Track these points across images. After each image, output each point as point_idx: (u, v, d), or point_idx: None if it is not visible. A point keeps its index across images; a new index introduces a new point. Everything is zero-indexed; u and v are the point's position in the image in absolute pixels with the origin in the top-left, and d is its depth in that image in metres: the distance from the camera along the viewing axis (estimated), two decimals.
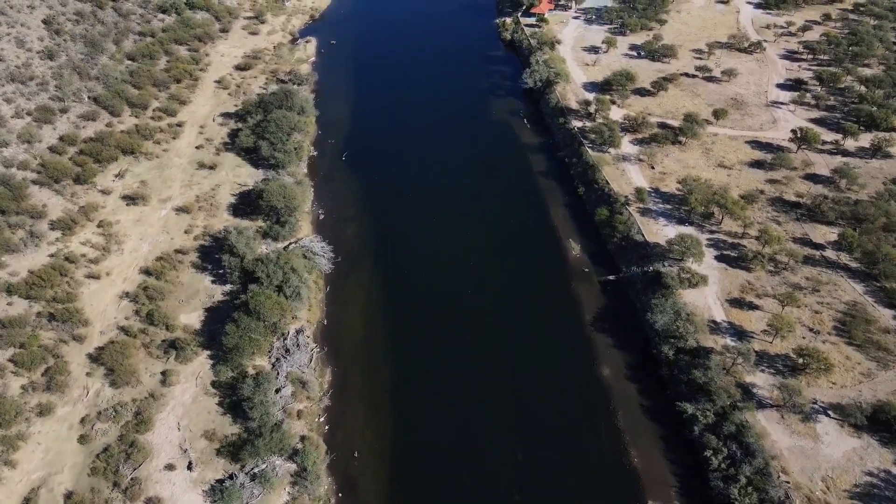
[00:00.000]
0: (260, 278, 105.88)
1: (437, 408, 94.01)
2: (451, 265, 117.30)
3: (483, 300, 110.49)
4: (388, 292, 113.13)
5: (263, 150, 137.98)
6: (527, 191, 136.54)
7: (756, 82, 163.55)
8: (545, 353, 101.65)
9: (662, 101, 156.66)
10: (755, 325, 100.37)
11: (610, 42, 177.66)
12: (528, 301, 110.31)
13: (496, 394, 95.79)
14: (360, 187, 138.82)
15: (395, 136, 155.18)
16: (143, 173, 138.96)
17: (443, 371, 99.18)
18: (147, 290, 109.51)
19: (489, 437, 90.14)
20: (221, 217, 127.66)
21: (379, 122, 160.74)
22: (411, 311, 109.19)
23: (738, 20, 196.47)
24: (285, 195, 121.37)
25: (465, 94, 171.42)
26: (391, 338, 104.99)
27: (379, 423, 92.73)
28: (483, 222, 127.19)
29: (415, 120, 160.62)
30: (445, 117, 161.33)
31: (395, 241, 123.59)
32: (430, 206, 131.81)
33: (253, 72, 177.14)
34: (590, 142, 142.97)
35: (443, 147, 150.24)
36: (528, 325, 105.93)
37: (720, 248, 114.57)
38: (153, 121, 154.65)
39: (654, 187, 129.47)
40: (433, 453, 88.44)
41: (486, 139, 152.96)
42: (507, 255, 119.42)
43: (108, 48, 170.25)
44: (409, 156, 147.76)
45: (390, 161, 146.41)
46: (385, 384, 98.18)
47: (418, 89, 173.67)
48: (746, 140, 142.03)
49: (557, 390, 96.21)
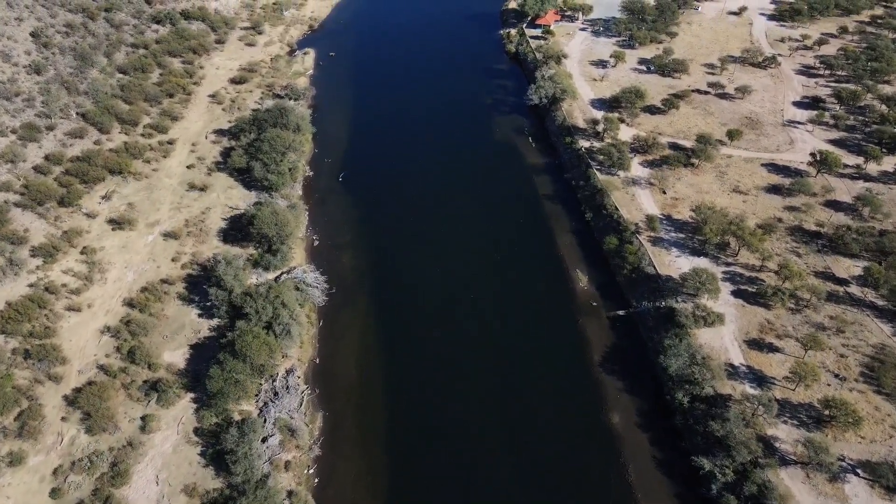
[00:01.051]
0: (248, 314, 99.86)
1: (436, 457, 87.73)
2: (452, 298, 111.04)
3: (486, 337, 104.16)
4: (384, 328, 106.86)
5: (256, 172, 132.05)
6: (532, 216, 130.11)
7: (771, 100, 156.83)
8: (552, 397, 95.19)
9: (673, 120, 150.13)
10: (776, 369, 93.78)
11: (618, 56, 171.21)
12: (533, 339, 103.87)
13: (499, 442, 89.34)
14: (357, 210, 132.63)
15: (395, 154, 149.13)
16: (131, 195, 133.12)
17: (442, 415, 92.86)
18: (130, 324, 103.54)
19: (492, 490, 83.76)
20: (211, 243, 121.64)
21: (378, 139, 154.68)
22: (409, 348, 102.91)
23: (752, 32, 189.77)
24: (277, 222, 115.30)
25: (468, 109, 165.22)
26: (387, 378, 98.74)
27: (373, 477, 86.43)
28: (486, 251, 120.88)
29: (415, 138, 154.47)
30: (447, 135, 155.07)
31: (393, 270, 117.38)
32: (430, 232, 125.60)
33: (248, 85, 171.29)
34: (598, 163, 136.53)
35: (444, 167, 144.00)
36: (533, 366, 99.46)
37: (737, 283, 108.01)
38: (143, 138, 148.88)
39: (666, 214, 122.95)
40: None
41: (490, 159, 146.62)
42: (512, 288, 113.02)
43: (98, 61, 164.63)
44: (408, 176, 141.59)
45: (389, 182, 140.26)
46: (380, 431, 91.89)
47: (419, 105, 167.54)
48: (762, 163, 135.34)
49: (564, 438, 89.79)
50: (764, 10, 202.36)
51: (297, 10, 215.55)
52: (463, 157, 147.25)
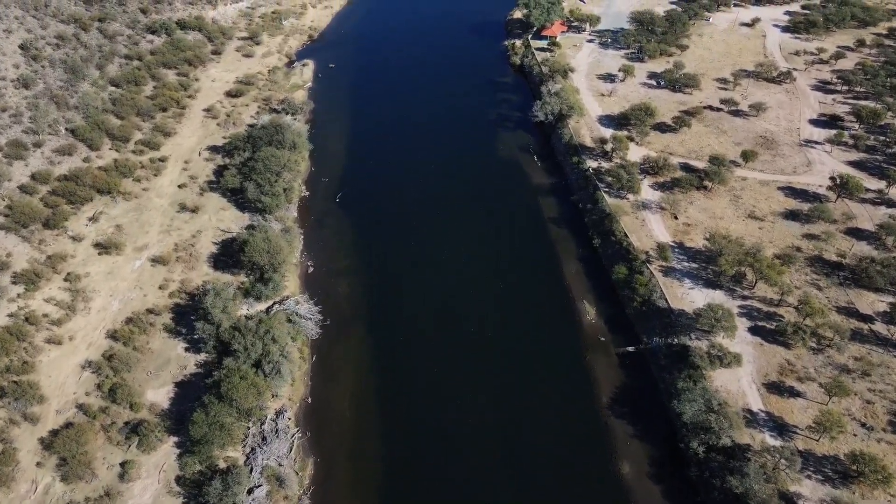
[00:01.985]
0: (236, 351, 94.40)
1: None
2: (452, 332, 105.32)
3: (488, 375, 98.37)
4: (380, 364, 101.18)
5: (249, 193, 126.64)
6: (537, 241, 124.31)
7: (787, 117, 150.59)
8: (558, 441, 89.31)
9: (685, 139, 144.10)
10: (798, 416, 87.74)
11: (627, 70, 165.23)
12: (539, 377, 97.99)
13: (502, 491, 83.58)
14: (355, 234, 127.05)
15: (395, 173, 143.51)
16: (120, 216, 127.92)
17: (442, 463, 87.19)
18: (112, 359, 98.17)
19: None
20: (201, 270, 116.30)
21: (377, 156, 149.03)
22: (406, 387, 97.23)
23: (765, 45, 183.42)
24: (269, 250, 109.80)
25: (472, 125, 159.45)
26: (383, 420, 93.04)
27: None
28: (488, 279, 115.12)
29: (416, 155, 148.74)
30: (450, 152, 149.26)
31: (390, 300, 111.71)
32: (430, 258, 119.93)
33: (245, 99, 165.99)
34: (606, 185, 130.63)
35: (446, 187, 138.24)
36: (538, 407, 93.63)
37: (754, 318, 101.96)
38: (134, 155, 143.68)
39: (678, 241, 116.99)
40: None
41: (494, 179, 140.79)
42: (515, 321, 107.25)
43: (90, 74, 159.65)
44: (408, 197, 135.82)
45: (388, 202, 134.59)
46: (375, 480, 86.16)
47: (421, 119, 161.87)
48: (779, 186, 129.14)
49: (571, 489, 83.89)
50: (777, 22, 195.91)
51: (297, 19, 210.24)
52: (466, 176, 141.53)
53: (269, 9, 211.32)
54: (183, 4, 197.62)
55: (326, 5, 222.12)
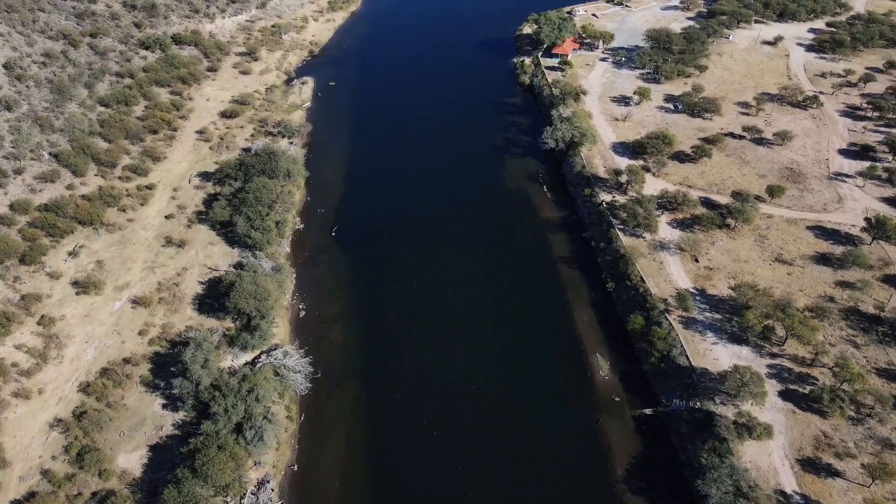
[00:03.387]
0: (216, 414, 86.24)
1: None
2: (452, 390, 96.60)
3: (491, 441, 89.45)
4: (374, 426, 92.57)
5: (239, 228, 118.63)
6: (547, 283, 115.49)
7: (814, 147, 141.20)
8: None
9: (705, 170, 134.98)
10: (837, 501, 78.60)
11: (643, 93, 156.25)
12: (546, 443, 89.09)
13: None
14: (351, 273, 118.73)
15: (396, 204, 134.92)
16: (102, 250, 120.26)
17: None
18: (83, 418, 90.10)
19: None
20: (184, 313, 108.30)
21: (377, 184, 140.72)
22: (401, 454, 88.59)
23: (789, 65, 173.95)
24: (257, 295, 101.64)
25: (478, 150, 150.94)
26: (375, 494, 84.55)
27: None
28: (494, 327, 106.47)
29: (419, 184, 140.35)
30: (454, 181, 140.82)
31: (387, 351, 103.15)
32: (431, 303, 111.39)
33: (239, 120, 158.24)
34: (620, 222, 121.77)
35: (450, 220, 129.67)
36: (546, 479, 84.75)
37: (785, 380, 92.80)
38: (121, 181, 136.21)
39: (700, 288, 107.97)
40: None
41: (501, 211, 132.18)
42: (523, 376, 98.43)
43: (78, 94, 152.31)
44: (409, 231, 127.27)
45: (387, 238, 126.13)
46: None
47: (424, 145, 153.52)
48: (808, 225, 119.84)
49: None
50: (802, 40, 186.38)
51: (298, 33, 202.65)
52: (471, 207, 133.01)
53: (269, 22, 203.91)
54: (179, 18, 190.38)
55: (329, 18, 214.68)
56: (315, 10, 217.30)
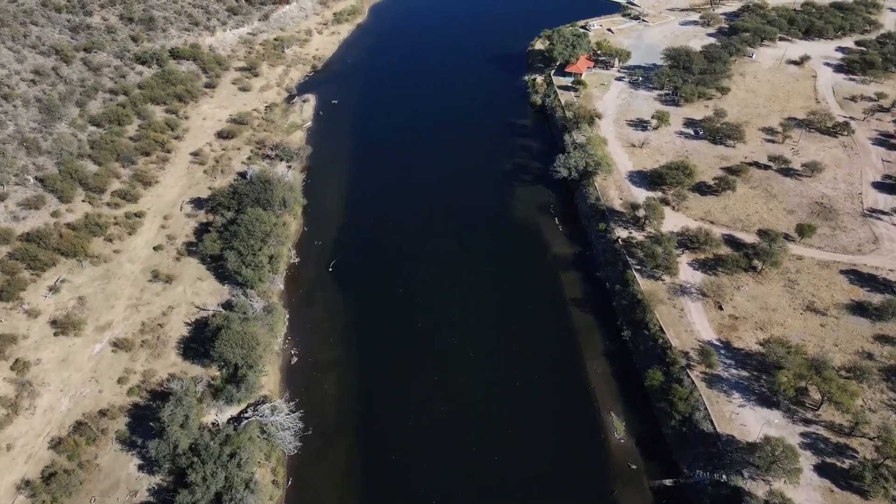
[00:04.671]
0: (194, 483, 78.82)
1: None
2: (454, 453, 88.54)
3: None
4: (369, 493, 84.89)
5: (230, 264, 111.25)
6: (557, 329, 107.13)
7: (846, 179, 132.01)
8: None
9: (729, 204, 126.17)
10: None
11: (661, 117, 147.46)
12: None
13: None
14: (348, 314, 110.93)
15: (398, 236, 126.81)
16: (84, 285, 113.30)
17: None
18: (51, 480, 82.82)
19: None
20: (167, 359, 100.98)
21: (379, 214, 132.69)
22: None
23: (816, 87, 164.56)
24: (244, 344, 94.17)
25: (486, 177, 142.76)
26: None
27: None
28: (501, 380, 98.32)
29: (422, 214, 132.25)
30: (460, 211, 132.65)
31: (384, 404, 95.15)
32: (434, 349, 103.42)
33: (237, 141, 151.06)
34: (637, 261, 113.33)
35: (456, 254, 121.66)
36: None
37: (821, 452, 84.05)
38: (109, 208, 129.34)
39: (724, 340, 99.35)
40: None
41: (509, 246, 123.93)
42: (530, 438, 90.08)
43: (68, 113, 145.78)
44: (412, 267, 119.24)
45: (388, 274, 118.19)
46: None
47: (428, 170, 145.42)
48: (842, 269, 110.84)
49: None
50: (829, 60, 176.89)
51: (301, 46, 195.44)
52: (478, 240, 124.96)
53: (272, 35, 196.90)
54: (178, 31, 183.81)
55: (334, 31, 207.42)
56: (320, 23, 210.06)
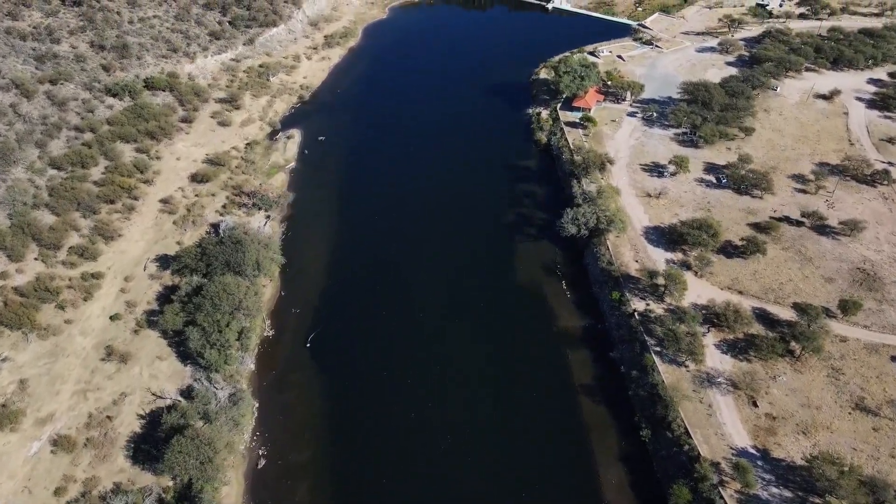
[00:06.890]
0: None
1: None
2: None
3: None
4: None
5: (192, 343, 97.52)
6: (565, 423, 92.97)
7: (890, 239, 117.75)
8: None
9: (759, 269, 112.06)
10: None
11: (680, 163, 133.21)
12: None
13: None
14: (326, 402, 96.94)
15: (386, 302, 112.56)
16: (28, 365, 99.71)
17: None
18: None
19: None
20: (114, 463, 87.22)
21: (366, 275, 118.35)
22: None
23: (849, 127, 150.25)
24: (200, 455, 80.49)
25: (486, 232, 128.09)
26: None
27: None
28: (504, 490, 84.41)
29: (414, 276, 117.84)
30: (457, 273, 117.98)
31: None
32: (425, 449, 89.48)
33: (212, 185, 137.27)
34: (657, 341, 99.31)
35: (450, 326, 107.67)
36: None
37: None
38: (64, 267, 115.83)
39: (762, 447, 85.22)
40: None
41: (511, 318, 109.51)
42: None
43: (26, 155, 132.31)
44: (401, 342, 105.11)
45: (374, 350, 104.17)
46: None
47: (422, 223, 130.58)
48: (893, 354, 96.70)
49: None
50: (861, 93, 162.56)
51: (288, 73, 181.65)
52: (475, 311, 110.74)
53: (257, 61, 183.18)
54: (155, 58, 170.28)
55: (324, 56, 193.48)
56: (309, 47, 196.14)
